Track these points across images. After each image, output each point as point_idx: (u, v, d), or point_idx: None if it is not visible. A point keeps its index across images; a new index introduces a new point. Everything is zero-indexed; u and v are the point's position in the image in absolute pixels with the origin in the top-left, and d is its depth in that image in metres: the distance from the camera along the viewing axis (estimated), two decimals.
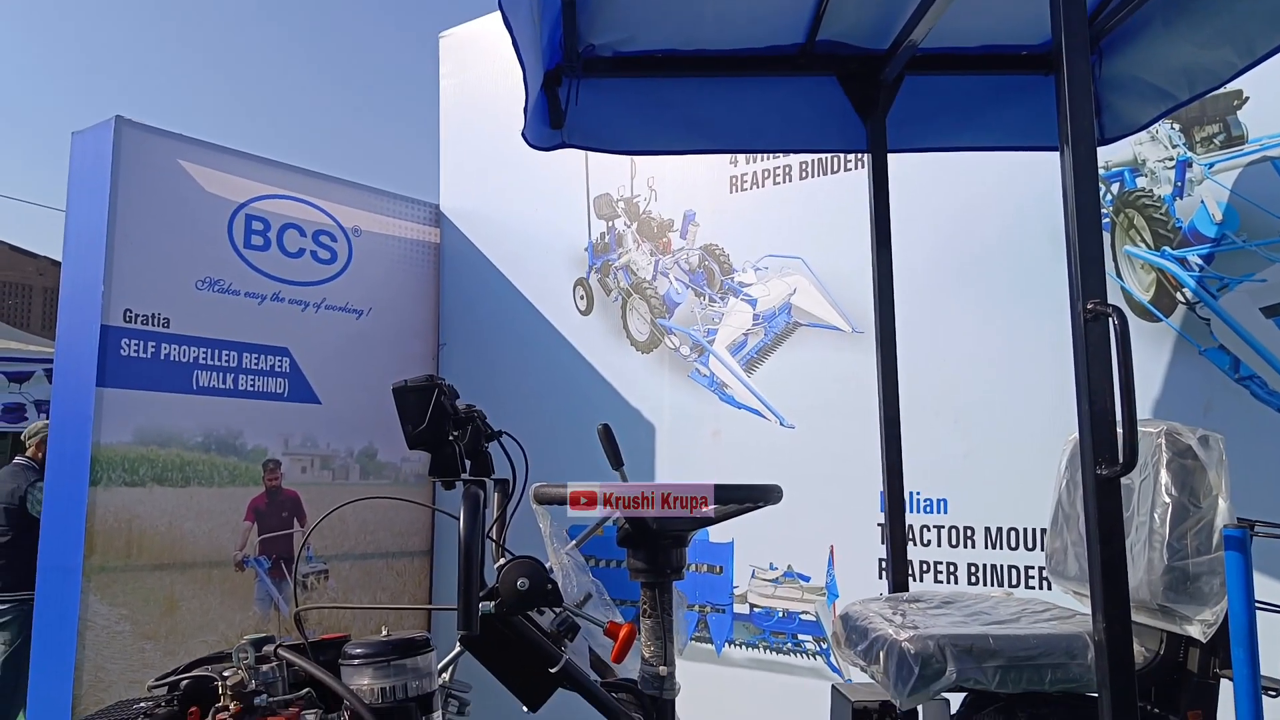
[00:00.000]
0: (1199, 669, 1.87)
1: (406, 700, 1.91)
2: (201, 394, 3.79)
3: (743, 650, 3.55)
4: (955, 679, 1.79)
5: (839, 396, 3.39)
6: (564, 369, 4.11)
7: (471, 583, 1.65)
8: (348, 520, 4.24)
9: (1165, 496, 1.81)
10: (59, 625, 3.43)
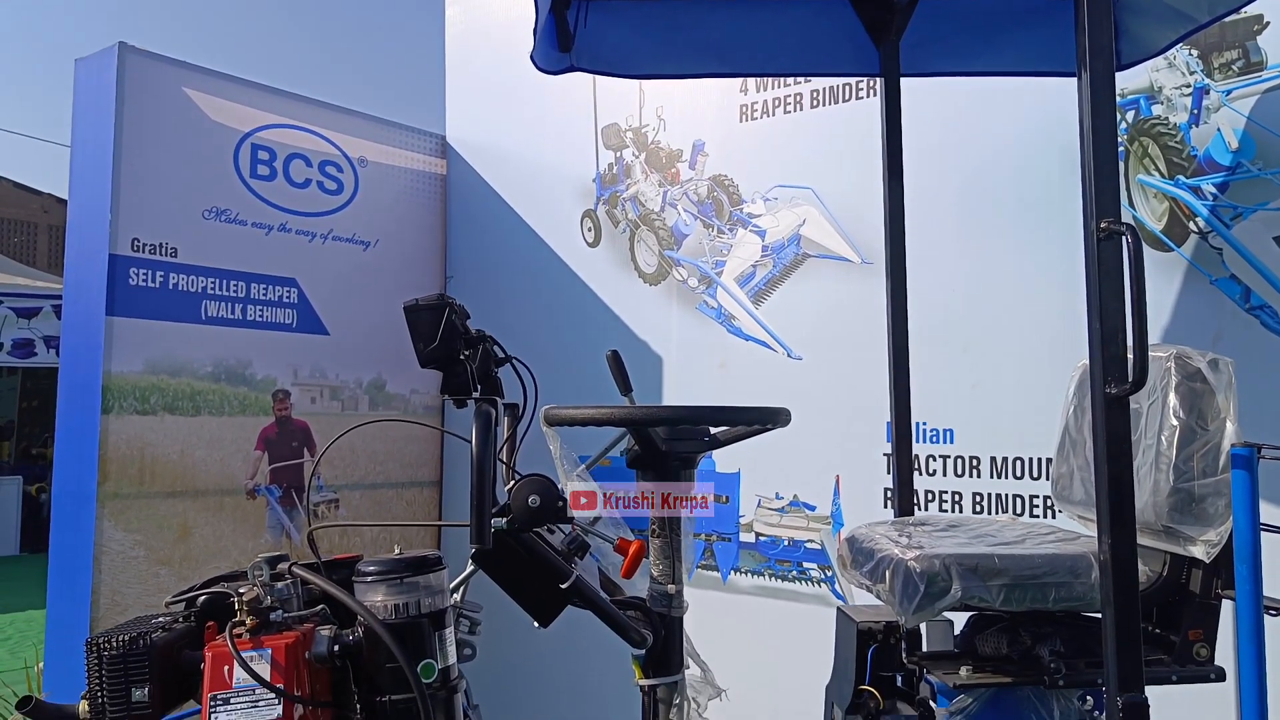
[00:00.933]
0: (1201, 590, 1.89)
1: (419, 616, 1.94)
2: (210, 324, 3.80)
3: (748, 578, 3.60)
4: (960, 597, 1.81)
5: (847, 328, 3.39)
6: (571, 301, 4.11)
7: (484, 498, 1.68)
8: (357, 450, 4.28)
9: (1173, 419, 1.82)
10: (75, 550, 3.48)
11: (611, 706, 2.52)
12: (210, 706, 1.80)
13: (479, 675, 2.29)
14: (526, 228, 4.33)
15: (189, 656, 1.94)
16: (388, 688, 1.89)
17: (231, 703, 1.80)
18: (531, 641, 3.92)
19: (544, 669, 3.97)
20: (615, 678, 2.31)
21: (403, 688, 1.88)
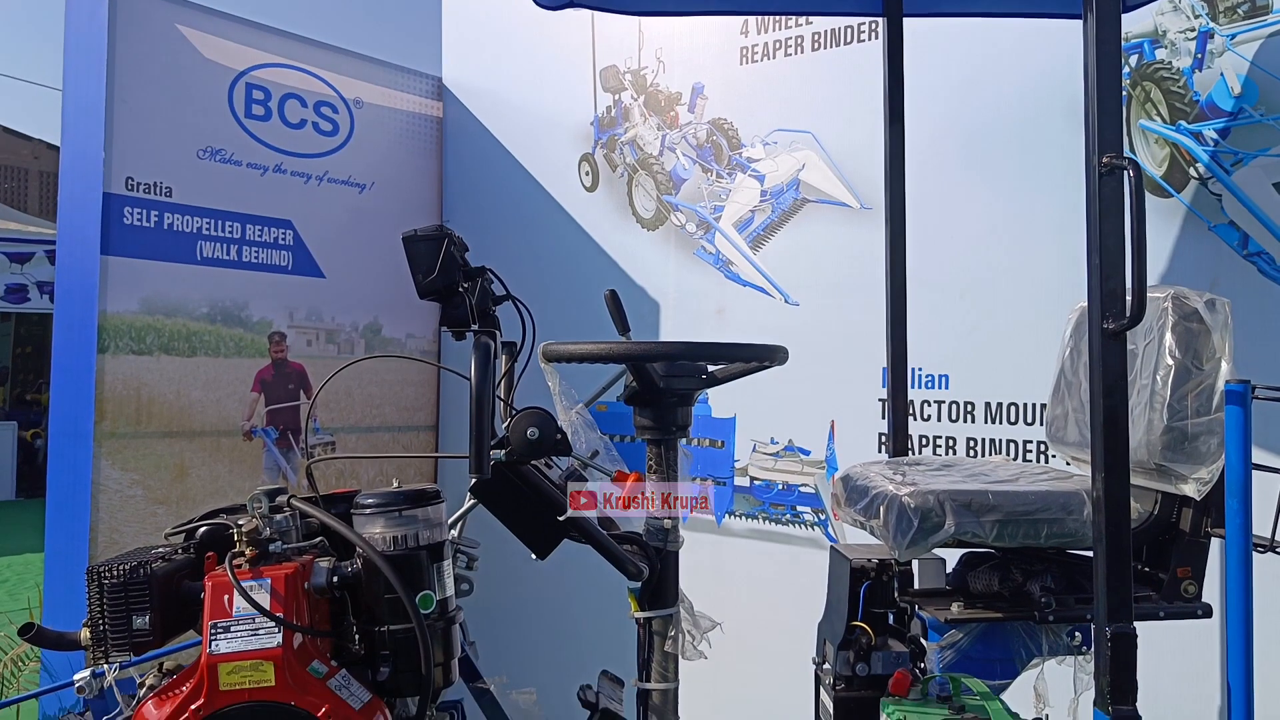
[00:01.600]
0: (1191, 528, 1.92)
1: (418, 548, 1.96)
2: (206, 265, 3.78)
3: (742, 521, 3.63)
4: (953, 532, 1.83)
5: (844, 273, 3.39)
6: (568, 246, 4.10)
7: (483, 429, 1.68)
8: (353, 394, 4.29)
9: (1168, 359, 1.83)
10: (72, 489, 3.49)
11: (607, 640, 2.56)
12: (211, 634, 1.82)
13: (476, 612, 2.32)
14: (523, 172, 4.30)
15: (189, 587, 1.96)
16: (386, 618, 1.91)
17: (232, 630, 1.83)
18: (528, 577, 3.96)
19: (541, 604, 4.01)
20: (611, 612, 2.35)
21: (401, 618, 1.90)
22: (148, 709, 1.85)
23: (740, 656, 3.39)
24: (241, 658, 1.79)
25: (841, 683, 2.16)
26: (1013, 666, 2.00)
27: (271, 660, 1.79)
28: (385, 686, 1.93)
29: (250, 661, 1.79)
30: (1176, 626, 1.98)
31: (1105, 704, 1.52)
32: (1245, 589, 1.57)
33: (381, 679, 1.92)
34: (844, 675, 2.16)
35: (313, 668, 1.83)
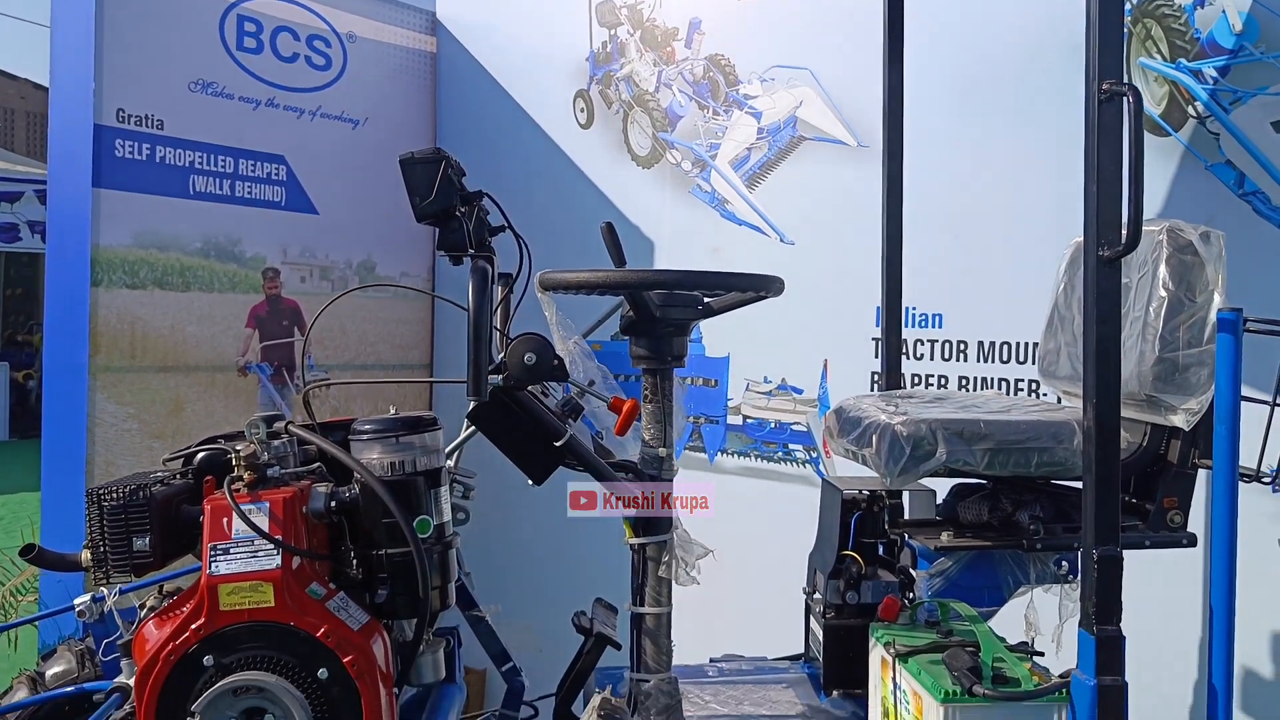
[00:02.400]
0: (1179, 459, 1.94)
1: (415, 474, 1.98)
2: (198, 199, 3.76)
3: (735, 459, 3.66)
4: (945, 460, 1.86)
5: (840, 212, 3.38)
6: (563, 184, 4.08)
7: (480, 351, 1.69)
8: (348, 331, 4.29)
9: (1161, 290, 1.84)
10: (69, 421, 3.50)
11: (602, 567, 2.59)
12: (210, 556, 1.84)
13: (471, 542, 2.35)
14: (518, 109, 4.26)
15: (187, 511, 1.97)
16: (383, 542, 1.93)
17: (231, 553, 1.84)
18: (524, 508, 4.01)
19: (536, 534, 4.05)
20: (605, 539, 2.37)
21: (398, 542, 1.92)
22: (148, 629, 1.88)
23: (732, 587, 3.44)
24: (241, 579, 1.81)
25: (831, 611, 2.20)
26: (1000, 594, 2.04)
27: (270, 581, 1.81)
28: (383, 609, 1.96)
29: (250, 583, 1.81)
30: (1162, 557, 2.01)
31: (1090, 624, 1.55)
32: (1230, 516, 1.60)
33: (379, 601, 1.95)
34: (834, 604, 2.20)
35: (311, 590, 1.85)
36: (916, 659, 1.75)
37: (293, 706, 1.78)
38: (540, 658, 2.50)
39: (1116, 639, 1.54)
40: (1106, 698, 1.52)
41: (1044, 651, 1.83)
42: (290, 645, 1.80)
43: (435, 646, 2.15)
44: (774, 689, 2.35)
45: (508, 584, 3.55)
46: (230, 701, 1.80)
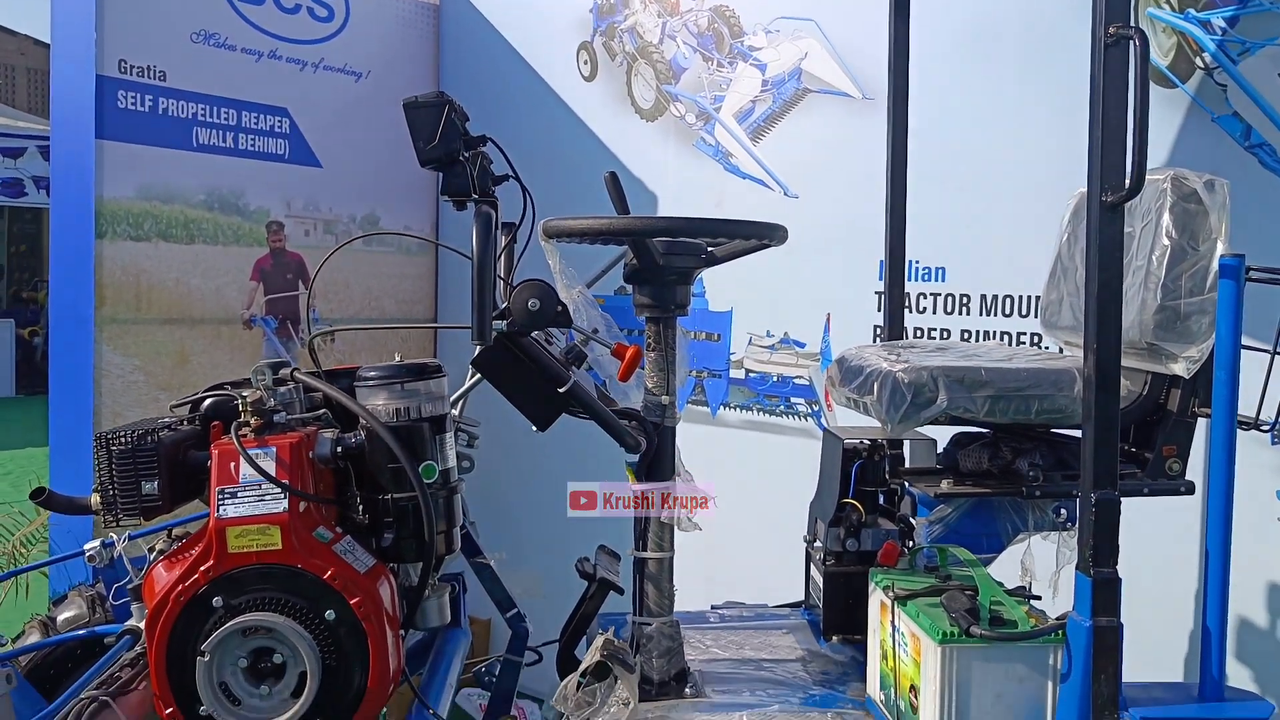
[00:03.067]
0: (1179, 408, 1.95)
1: (420, 420, 2.00)
2: (202, 151, 3.75)
3: (737, 413, 3.68)
4: (945, 407, 1.87)
5: (844, 165, 3.37)
6: (566, 137, 4.06)
7: (485, 296, 1.70)
8: (352, 285, 4.30)
9: (1165, 239, 1.84)
10: (75, 374, 3.52)
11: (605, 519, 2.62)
12: (218, 499, 1.86)
13: (476, 490, 2.38)
14: (521, 61, 4.24)
15: (195, 456, 1.99)
16: (389, 487, 1.96)
17: (239, 496, 1.87)
18: (527, 455, 4.04)
19: (539, 481, 4.07)
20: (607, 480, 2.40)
21: (404, 487, 1.94)
22: (158, 572, 1.91)
23: (733, 539, 3.47)
24: (248, 522, 1.84)
25: (831, 558, 2.23)
26: (999, 541, 2.06)
27: (278, 525, 1.83)
28: (389, 553, 1.98)
29: (257, 526, 1.84)
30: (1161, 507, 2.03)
31: (1087, 566, 1.57)
32: (1228, 461, 1.62)
33: (385, 546, 1.98)
34: (834, 551, 2.22)
35: (318, 533, 1.88)
36: (915, 602, 1.77)
37: (301, 647, 1.81)
38: (544, 604, 2.53)
39: (1113, 581, 1.56)
40: (1102, 638, 1.54)
41: (1041, 596, 1.85)
42: (298, 587, 1.83)
43: (440, 591, 2.18)
44: (774, 634, 2.38)
45: (512, 532, 3.58)
46: (239, 642, 1.83)
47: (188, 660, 1.83)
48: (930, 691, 1.65)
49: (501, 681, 2.59)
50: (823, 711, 1.97)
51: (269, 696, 1.85)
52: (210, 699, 1.83)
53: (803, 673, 2.17)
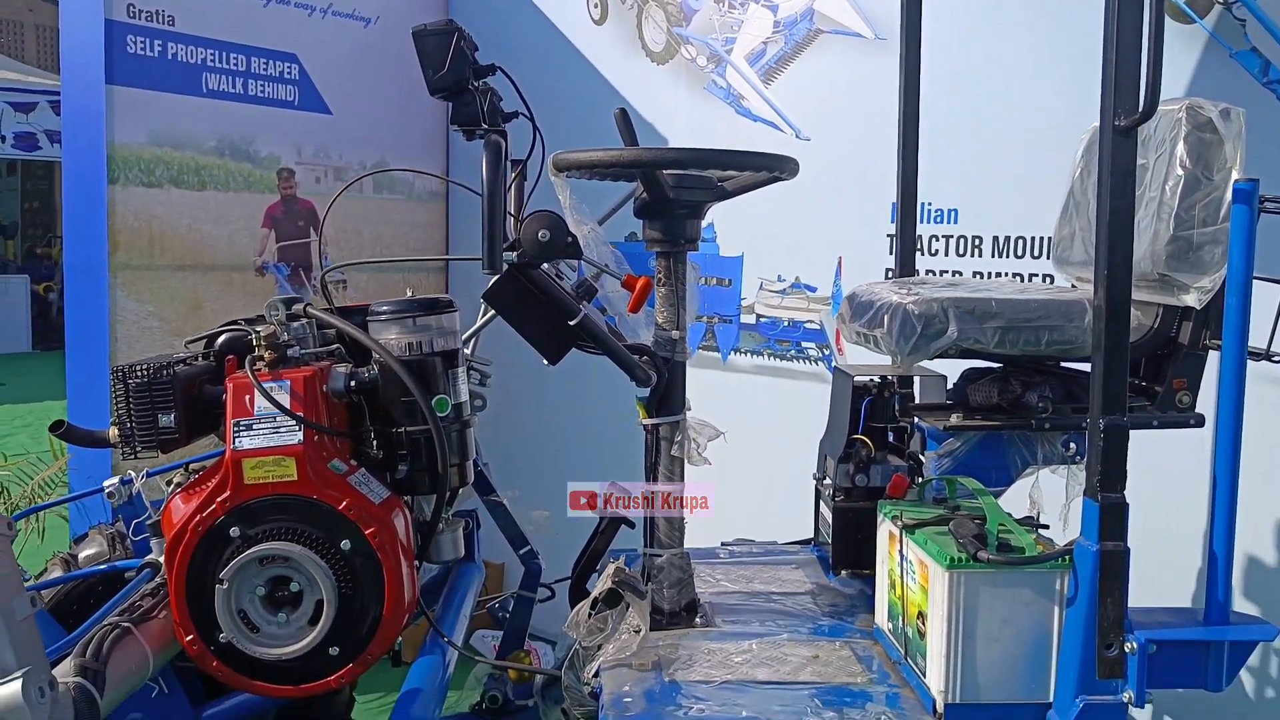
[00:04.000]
0: (1190, 341, 1.95)
1: (432, 354, 2.01)
2: (212, 97, 3.74)
3: (748, 358, 3.69)
4: (955, 338, 1.87)
5: (857, 106, 3.34)
6: (577, 81, 4.03)
7: (495, 225, 1.70)
8: (363, 233, 4.30)
9: (1179, 169, 1.83)
10: (91, 320, 3.54)
11: (616, 454, 2.64)
12: (234, 431, 1.88)
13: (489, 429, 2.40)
14: (531, 5, 4.20)
15: (210, 391, 2.02)
16: (402, 421, 1.98)
17: (254, 429, 1.89)
18: (539, 395, 4.06)
19: (551, 421, 4.11)
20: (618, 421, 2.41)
21: (417, 420, 1.96)
22: (175, 504, 1.94)
23: (743, 482, 3.49)
24: (264, 454, 1.86)
25: (841, 494, 2.25)
26: (1008, 474, 2.07)
27: (293, 456, 1.86)
28: (403, 485, 2.01)
29: (273, 458, 1.86)
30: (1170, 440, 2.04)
31: (1095, 492, 1.58)
32: (1238, 386, 1.62)
33: (399, 478, 2.00)
34: (843, 487, 2.24)
35: (333, 465, 1.90)
36: (923, 530, 1.79)
37: (317, 575, 1.84)
38: (556, 541, 2.56)
39: (1120, 506, 1.57)
40: (1108, 562, 1.56)
41: (1049, 525, 1.86)
42: (313, 517, 1.86)
43: (455, 526, 2.20)
44: (784, 569, 2.41)
45: (524, 472, 3.60)
46: (257, 570, 1.86)
47: (206, 589, 1.86)
48: (938, 617, 1.67)
49: (515, 618, 2.63)
50: (831, 640, 2.00)
51: (286, 624, 1.88)
52: (229, 626, 1.86)
53: (812, 605, 2.19)
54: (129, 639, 1.84)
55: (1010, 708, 1.67)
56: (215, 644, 1.88)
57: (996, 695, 1.66)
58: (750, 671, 1.84)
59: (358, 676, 1.97)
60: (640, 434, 2.13)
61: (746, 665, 1.86)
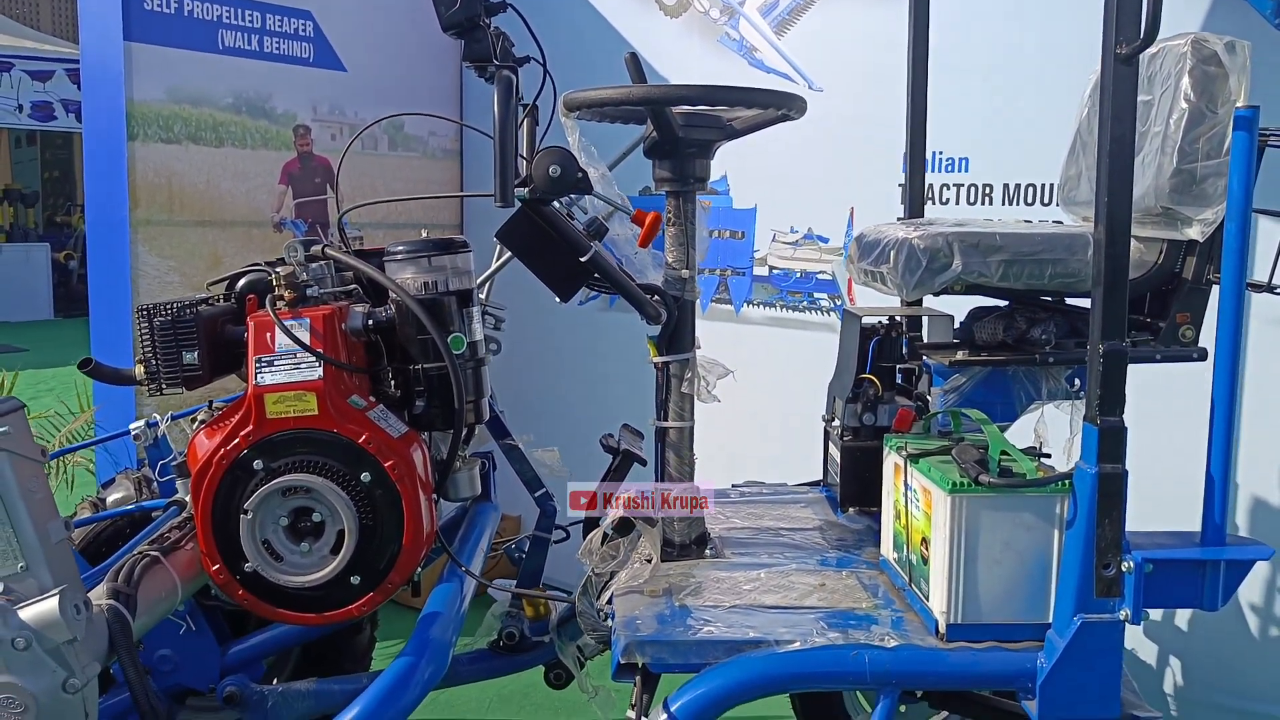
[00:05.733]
0: (1194, 275, 1.98)
1: (447, 293, 2.06)
2: (228, 54, 3.77)
3: (760, 309, 3.72)
4: (960, 272, 1.90)
5: (870, 56, 3.35)
6: (589, 37, 4.04)
7: (506, 159, 1.74)
8: (379, 190, 4.33)
9: (1183, 102, 1.85)
10: (112, 275, 3.60)
11: (628, 400, 2.69)
12: (256, 368, 1.94)
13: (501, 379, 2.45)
14: None
15: (232, 330, 2.07)
16: (419, 358, 2.03)
17: (275, 365, 1.94)
18: (552, 343, 4.11)
19: (563, 367, 4.15)
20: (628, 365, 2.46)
21: (433, 358, 2.01)
22: (200, 439, 2.00)
23: (755, 431, 3.55)
24: (286, 389, 1.92)
25: (849, 433, 2.29)
26: (1013, 410, 2.11)
27: (314, 391, 1.91)
28: (420, 421, 2.06)
29: (294, 393, 1.92)
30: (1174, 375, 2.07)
31: (1094, 416, 1.61)
32: (1237, 308, 1.64)
33: (417, 413, 2.05)
34: (851, 426, 2.28)
35: (352, 400, 1.96)
36: (927, 459, 1.83)
37: (339, 506, 1.90)
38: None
39: (1119, 429, 1.60)
40: (1107, 484, 1.59)
41: (1051, 454, 1.90)
42: (334, 451, 1.92)
43: (471, 465, 2.26)
44: (793, 507, 2.46)
45: (539, 417, 3.65)
46: (280, 501, 1.93)
47: (232, 520, 1.92)
48: (940, 540, 1.72)
49: (530, 559, 2.69)
50: (838, 571, 2.05)
51: (309, 554, 1.95)
52: (255, 555, 1.93)
53: (819, 539, 2.24)
54: (158, 567, 1.91)
55: (1011, 627, 1.71)
56: (241, 573, 1.95)
57: (998, 616, 1.71)
58: (758, 598, 1.89)
59: (378, 605, 2.03)
60: (651, 378, 2.18)
61: (754, 592, 1.91)
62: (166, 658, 2.36)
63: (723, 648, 1.71)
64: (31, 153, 14.85)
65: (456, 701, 3.18)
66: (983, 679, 1.73)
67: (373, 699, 1.80)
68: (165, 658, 2.36)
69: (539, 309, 3.66)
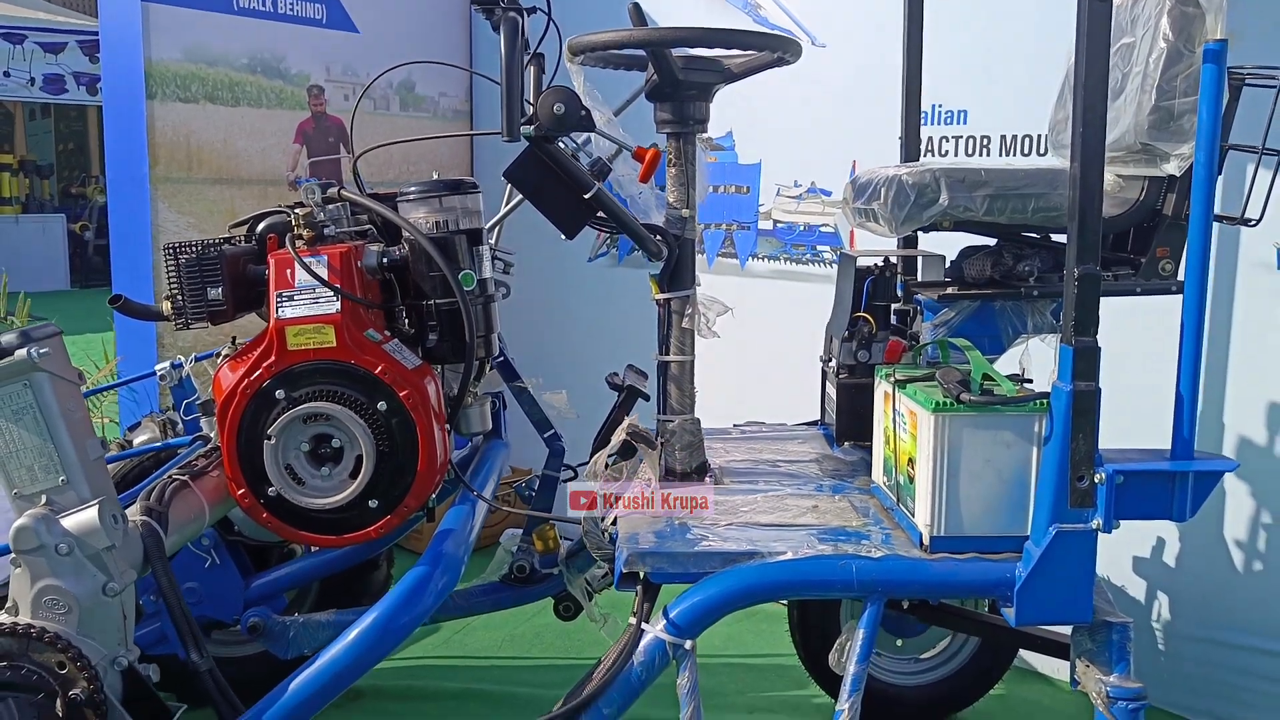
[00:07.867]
0: (1174, 212, 2.06)
1: (458, 232, 2.16)
2: (242, 15, 3.86)
3: (765, 263, 3.80)
4: (946, 206, 1.99)
5: (872, 10, 3.40)
6: None
7: (513, 96, 1.83)
8: (392, 153, 4.42)
9: (1161, 41, 1.92)
10: (133, 232, 3.71)
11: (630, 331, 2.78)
12: (277, 302, 2.04)
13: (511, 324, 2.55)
14: None
15: (253, 270, 2.18)
16: (431, 295, 2.13)
17: (295, 299, 2.05)
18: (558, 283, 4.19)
19: (570, 313, 4.24)
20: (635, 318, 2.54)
21: (445, 294, 2.12)
22: (224, 372, 2.11)
23: (757, 381, 3.64)
24: (305, 322, 2.02)
25: (845, 371, 2.38)
26: (1000, 343, 2.19)
27: (332, 324, 2.02)
28: (433, 354, 2.17)
29: (313, 325, 2.03)
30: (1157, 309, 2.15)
31: (1070, 337, 1.70)
32: (1204, 239, 1.72)
33: (430, 347, 2.16)
34: (846, 364, 2.37)
35: (369, 334, 2.06)
36: (913, 385, 1.92)
37: (357, 432, 2.01)
38: (578, 424, 2.71)
39: (1093, 349, 1.69)
40: (1081, 400, 1.68)
41: (1034, 380, 1.99)
42: (352, 381, 2.03)
43: (482, 401, 2.36)
44: (791, 443, 2.56)
45: (547, 359, 3.74)
46: (301, 428, 2.04)
47: (256, 446, 2.04)
48: (925, 458, 1.81)
49: (540, 497, 2.79)
50: (831, 495, 2.15)
51: (329, 478, 2.06)
52: (278, 479, 2.04)
53: (815, 470, 2.34)
54: (187, 490, 2.02)
55: (991, 540, 1.81)
56: (265, 497, 2.06)
57: (978, 529, 1.81)
58: (754, 517, 1.99)
59: (394, 529, 2.14)
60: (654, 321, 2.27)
61: (751, 512, 2.02)
62: (193, 590, 2.49)
63: (719, 558, 1.82)
64: (46, 125, 14.96)
65: (469, 642, 3.30)
66: (964, 587, 1.83)
67: (390, 604, 1.92)
68: (191, 590, 2.49)
69: (549, 256, 3.74)
